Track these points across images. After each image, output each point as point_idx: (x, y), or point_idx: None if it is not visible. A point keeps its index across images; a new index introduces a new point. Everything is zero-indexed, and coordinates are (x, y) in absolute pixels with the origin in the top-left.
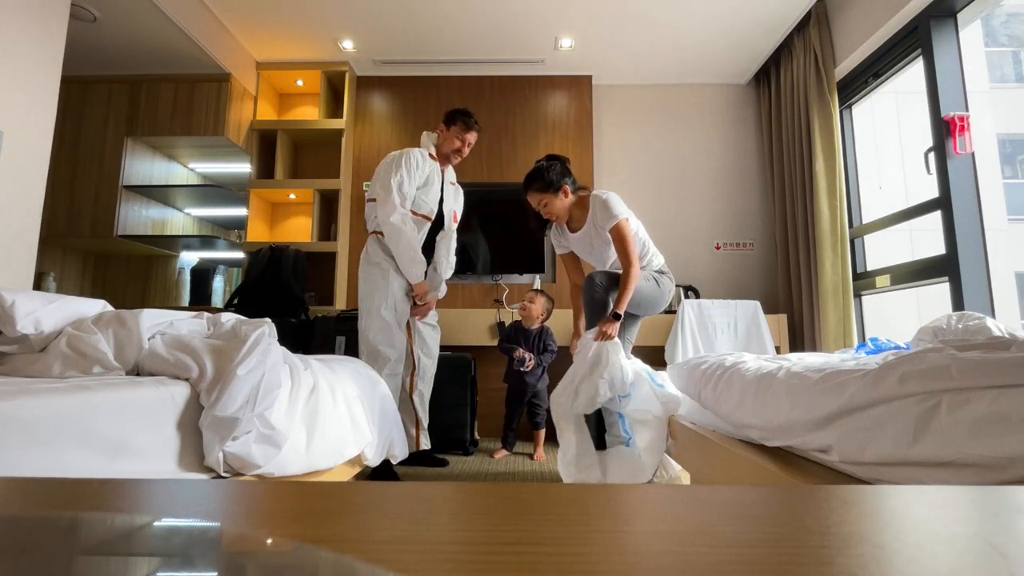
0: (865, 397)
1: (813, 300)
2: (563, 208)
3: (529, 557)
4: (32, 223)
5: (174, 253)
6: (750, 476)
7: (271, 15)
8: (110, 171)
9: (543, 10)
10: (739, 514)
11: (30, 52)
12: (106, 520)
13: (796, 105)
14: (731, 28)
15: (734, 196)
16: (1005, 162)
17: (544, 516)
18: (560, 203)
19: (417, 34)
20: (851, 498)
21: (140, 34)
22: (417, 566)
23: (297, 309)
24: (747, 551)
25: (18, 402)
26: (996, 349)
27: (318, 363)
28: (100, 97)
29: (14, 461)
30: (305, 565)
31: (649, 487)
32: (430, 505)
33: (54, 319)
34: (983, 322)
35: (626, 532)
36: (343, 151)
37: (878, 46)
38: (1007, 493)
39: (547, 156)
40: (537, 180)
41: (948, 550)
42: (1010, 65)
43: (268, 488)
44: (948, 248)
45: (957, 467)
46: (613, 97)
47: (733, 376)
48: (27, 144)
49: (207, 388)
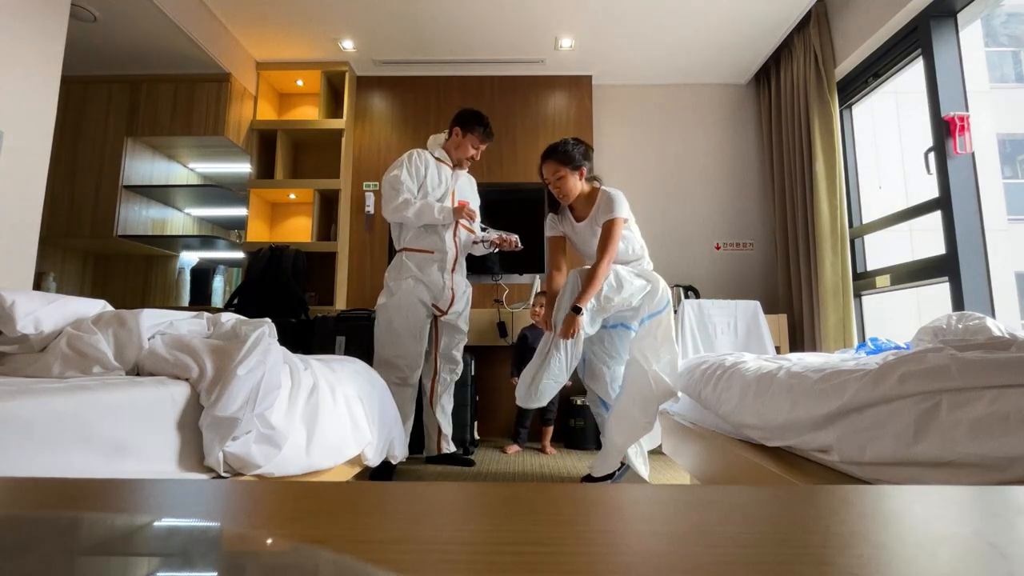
0: (865, 397)
1: (813, 300)
2: (575, 189)
3: (529, 557)
4: (32, 223)
5: (174, 253)
6: (750, 476)
7: (271, 15)
8: (110, 171)
9: (543, 10)
10: (739, 514)
11: (30, 52)
12: (106, 520)
13: (796, 105)
14: (731, 28)
15: (734, 196)
16: (1005, 162)
17: (544, 516)
18: (573, 182)
19: (417, 34)
20: (851, 498)
21: (140, 34)
22: (417, 566)
23: (297, 309)
24: (747, 551)
25: (18, 402)
26: (996, 349)
27: (318, 363)
28: (100, 97)
29: (14, 461)
30: (305, 565)
31: (649, 487)
32: (430, 505)
33: (54, 319)
34: (983, 322)
35: (626, 532)
36: (343, 151)
37: (878, 46)
38: (1007, 493)
39: (573, 138)
40: (560, 152)
41: (948, 550)
42: (1010, 65)
43: (268, 488)
44: (948, 248)
45: (957, 467)
46: (613, 97)
47: (733, 376)
48: (27, 144)
49: (207, 388)
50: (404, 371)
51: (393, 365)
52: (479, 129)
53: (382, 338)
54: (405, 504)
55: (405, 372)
